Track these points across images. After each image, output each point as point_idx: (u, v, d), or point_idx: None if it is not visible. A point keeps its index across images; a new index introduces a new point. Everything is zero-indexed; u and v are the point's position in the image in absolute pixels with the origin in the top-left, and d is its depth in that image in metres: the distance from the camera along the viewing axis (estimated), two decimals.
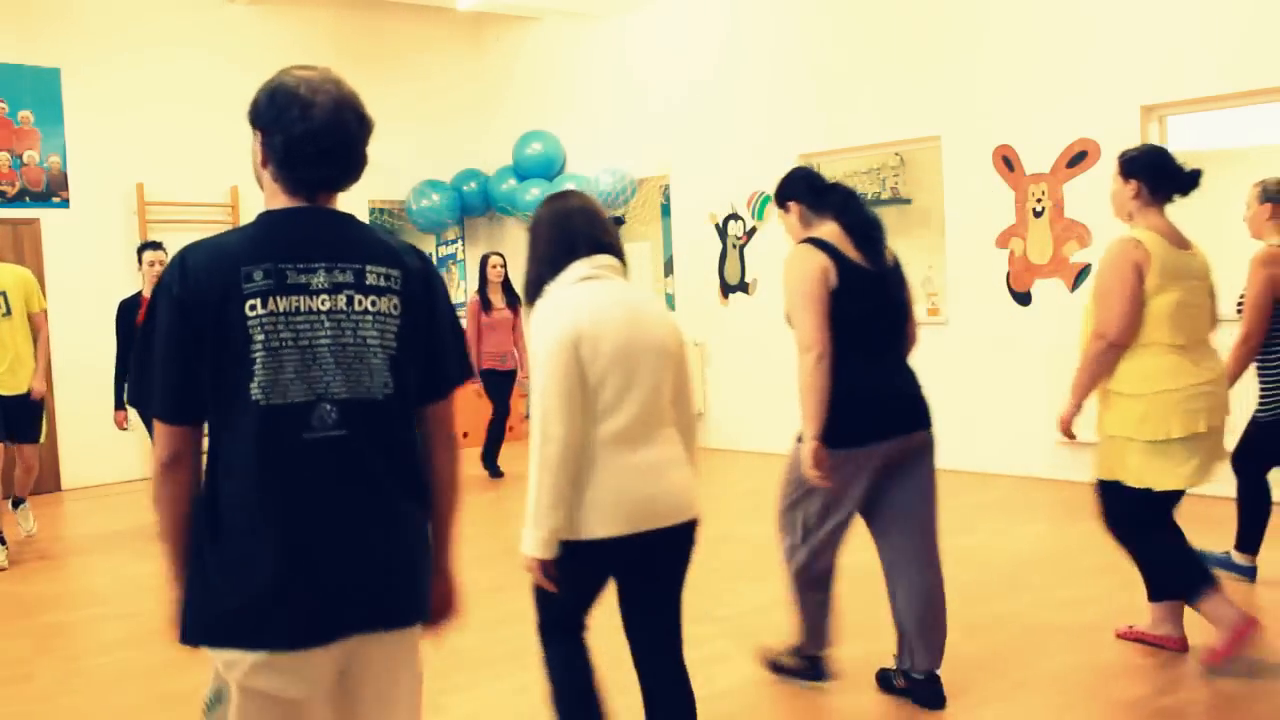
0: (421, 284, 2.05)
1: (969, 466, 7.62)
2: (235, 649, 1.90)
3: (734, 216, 9.20)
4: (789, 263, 3.55)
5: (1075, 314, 7.04)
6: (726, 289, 9.25)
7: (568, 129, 10.43)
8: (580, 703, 2.86)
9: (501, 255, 8.59)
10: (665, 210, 9.82)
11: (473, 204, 10.64)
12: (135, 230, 8.97)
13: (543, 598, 2.84)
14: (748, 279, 9.15)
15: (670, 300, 9.78)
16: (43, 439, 6.67)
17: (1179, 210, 3.99)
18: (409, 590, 2.03)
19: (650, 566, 2.83)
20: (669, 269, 9.93)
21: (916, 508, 3.63)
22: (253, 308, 1.89)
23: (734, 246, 9.22)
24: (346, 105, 1.98)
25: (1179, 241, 3.91)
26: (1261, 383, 4.79)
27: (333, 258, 1.96)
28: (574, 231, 2.82)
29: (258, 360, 1.88)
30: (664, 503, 2.75)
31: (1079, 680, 3.87)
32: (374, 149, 2.07)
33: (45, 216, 8.69)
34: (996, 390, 7.55)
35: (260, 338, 1.88)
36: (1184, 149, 7.38)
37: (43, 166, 8.67)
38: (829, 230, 3.57)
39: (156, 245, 6.78)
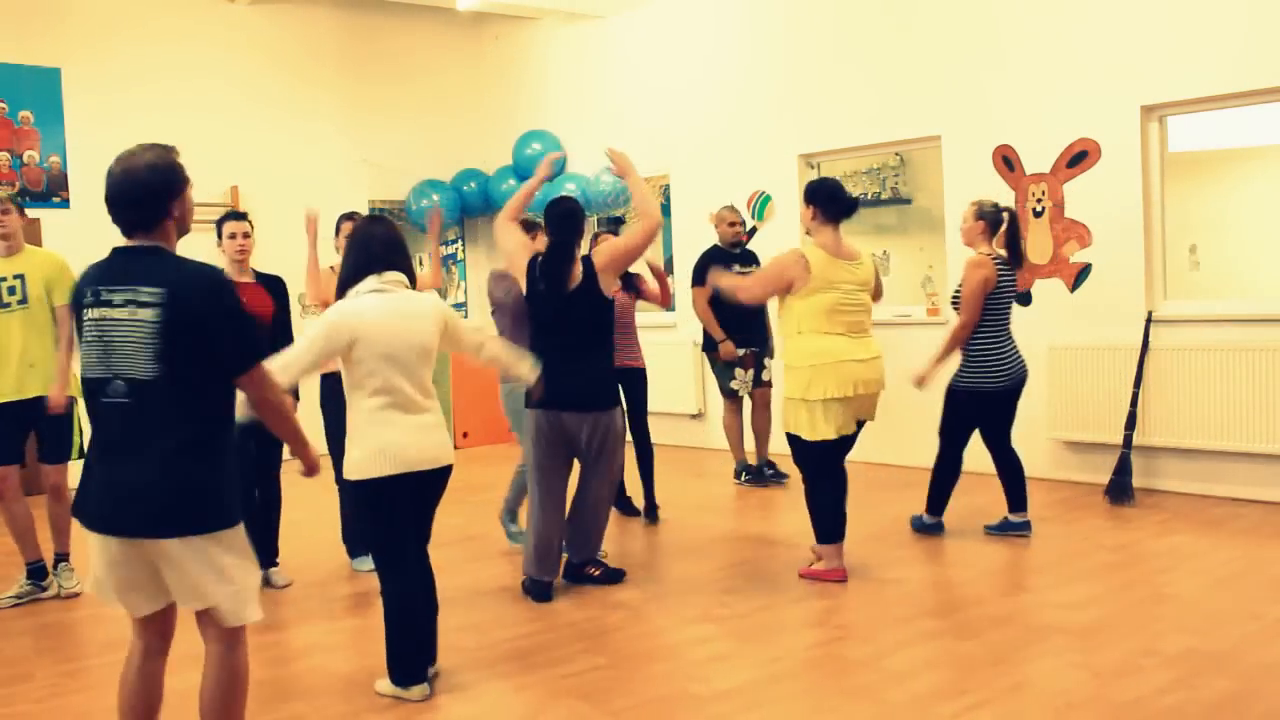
0: (188, 299, 2.85)
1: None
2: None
3: None
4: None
5: (1076, 314, 7.10)
6: None
7: (568, 129, 10.43)
8: (405, 625, 3.95)
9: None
10: (665, 210, 9.80)
11: (473, 204, 10.64)
12: None
13: (370, 536, 4.06)
14: None
15: (672, 300, 9.75)
16: (74, 455, 5.49)
17: (1181, 208, 4.02)
18: (175, 509, 2.87)
19: (415, 497, 3.94)
20: (669, 269, 9.92)
21: (600, 462, 5.15)
22: (86, 314, 2.92)
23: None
24: (131, 172, 2.90)
25: (844, 254, 5.11)
26: (964, 358, 5.80)
27: (125, 282, 2.88)
28: (374, 253, 3.91)
29: (84, 349, 2.93)
30: (426, 453, 3.87)
31: (1079, 680, 3.87)
32: (374, 149, 2.11)
33: (45, 216, 8.68)
34: None
35: (87, 335, 2.91)
36: (1184, 149, 7.41)
37: (43, 166, 8.67)
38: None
39: (240, 216, 5.56)
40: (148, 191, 2.92)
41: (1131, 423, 6.71)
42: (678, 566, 5.68)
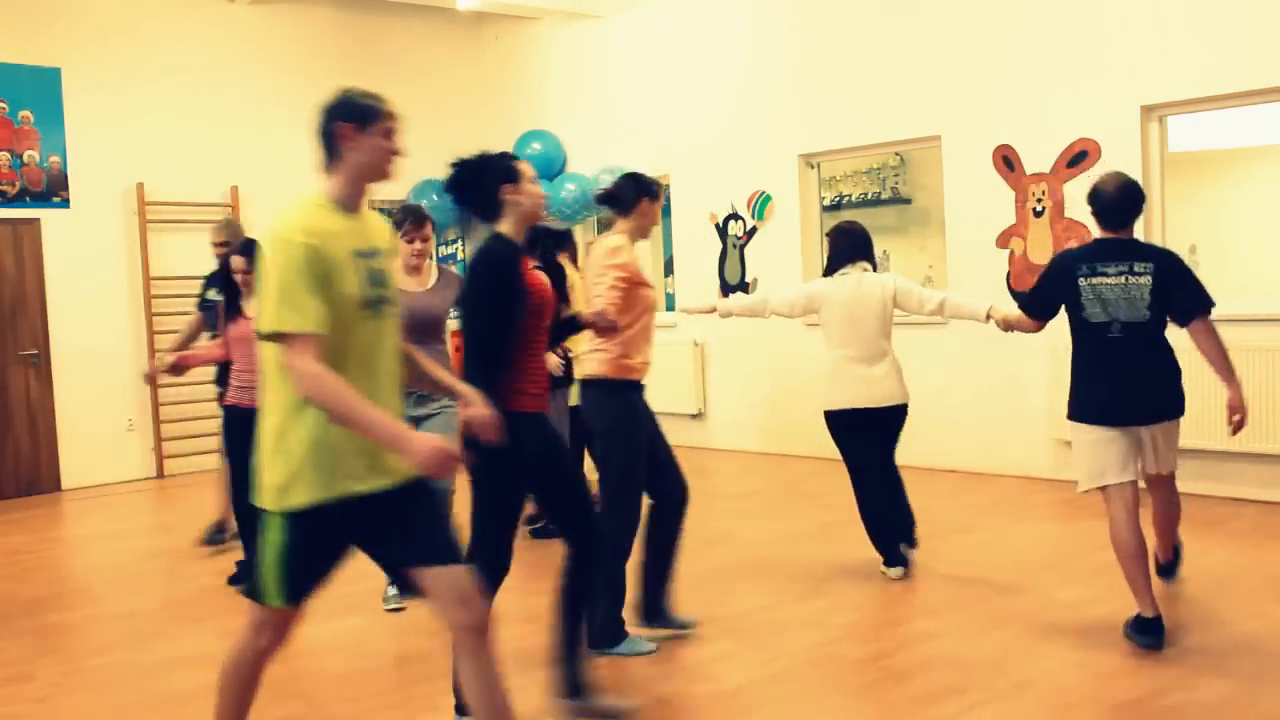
0: (1170, 268, 4.39)
1: (969, 466, 7.63)
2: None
3: (734, 216, 9.20)
4: None
5: None
6: (726, 288, 9.25)
7: (568, 129, 10.43)
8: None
9: None
10: (665, 210, 9.82)
11: None
12: (135, 230, 8.97)
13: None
14: (748, 279, 9.15)
15: (670, 300, 9.79)
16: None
17: (1181, 208, 4.04)
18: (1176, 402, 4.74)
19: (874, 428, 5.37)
20: (669, 268, 9.94)
21: None
22: (1081, 281, 4.31)
23: (734, 246, 9.22)
24: (1117, 182, 4.32)
25: None
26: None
27: (1121, 259, 4.33)
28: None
29: (1086, 304, 4.34)
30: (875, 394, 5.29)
31: (1079, 680, 3.87)
32: None
33: (45, 216, 8.69)
34: (996, 390, 7.56)
35: (1085, 296, 4.32)
36: (1184, 149, 7.41)
37: (43, 166, 8.67)
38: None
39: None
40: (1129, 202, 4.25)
41: None
42: (678, 566, 5.67)
